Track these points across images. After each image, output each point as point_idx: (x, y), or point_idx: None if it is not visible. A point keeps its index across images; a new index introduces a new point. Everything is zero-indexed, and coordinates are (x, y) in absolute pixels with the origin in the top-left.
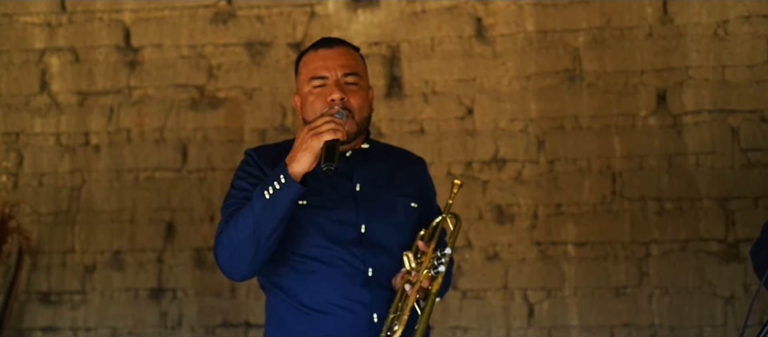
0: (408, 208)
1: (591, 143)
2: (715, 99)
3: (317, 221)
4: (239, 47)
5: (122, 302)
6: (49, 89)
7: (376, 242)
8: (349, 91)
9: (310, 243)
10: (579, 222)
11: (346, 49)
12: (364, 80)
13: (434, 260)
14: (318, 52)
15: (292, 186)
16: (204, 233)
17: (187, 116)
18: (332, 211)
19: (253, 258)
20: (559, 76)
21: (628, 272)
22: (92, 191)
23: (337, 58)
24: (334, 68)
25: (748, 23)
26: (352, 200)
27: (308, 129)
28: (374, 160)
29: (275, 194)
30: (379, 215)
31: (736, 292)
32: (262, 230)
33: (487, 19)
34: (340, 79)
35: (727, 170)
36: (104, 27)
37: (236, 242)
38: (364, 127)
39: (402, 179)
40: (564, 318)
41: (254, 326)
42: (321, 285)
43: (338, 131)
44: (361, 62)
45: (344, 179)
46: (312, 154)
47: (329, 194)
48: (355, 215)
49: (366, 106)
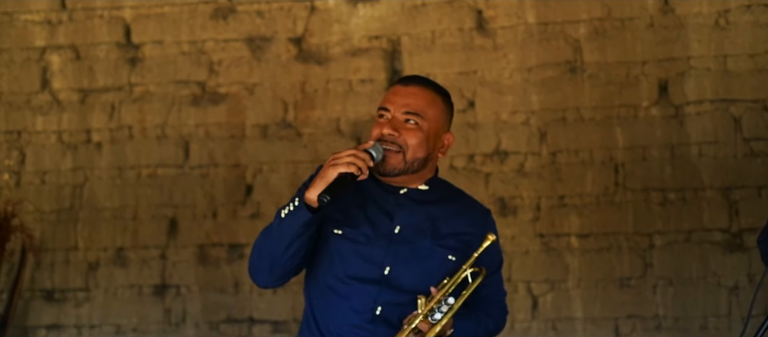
0: (444, 260)
1: (593, 135)
2: (717, 89)
3: (345, 253)
4: (240, 43)
5: (126, 299)
6: (50, 87)
7: (399, 285)
8: (404, 128)
9: (333, 273)
10: (582, 214)
11: (420, 90)
12: (427, 123)
13: (435, 306)
14: (394, 87)
15: (301, 211)
16: (207, 228)
17: (188, 112)
18: (363, 246)
19: (269, 270)
20: (561, 68)
21: (632, 264)
22: (95, 189)
23: (405, 96)
24: (397, 105)
25: (750, 12)
26: (386, 241)
27: (331, 158)
28: (426, 204)
29: (288, 214)
30: (410, 260)
31: (740, 282)
32: (276, 247)
33: (487, 12)
34: (397, 117)
35: (729, 159)
36: (105, 24)
37: (256, 252)
38: (417, 168)
39: (449, 229)
40: (568, 310)
41: (258, 322)
42: (334, 314)
43: (353, 165)
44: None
45: (386, 218)
46: (325, 182)
47: (366, 230)
48: (383, 255)
49: (422, 148)
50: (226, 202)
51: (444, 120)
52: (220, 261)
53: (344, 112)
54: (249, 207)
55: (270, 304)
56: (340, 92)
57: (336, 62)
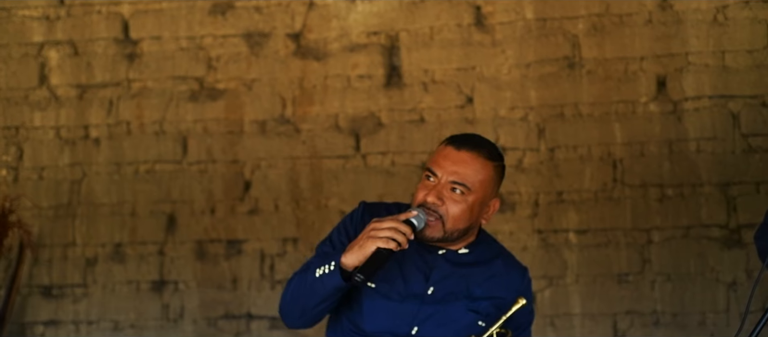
0: (474, 324)
1: (591, 130)
2: (715, 85)
3: (376, 308)
4: (238, 38)
5: (124, 295)
6: (48, 83)
7: None
8: (448, 198)
9: (360, 326)
10: (580, 210)
11: (472, 157)
12: (474, 194)
13: None
14: (448, 148)
15: (335, 277)
16: (205, 224)
17: (186, 108)
18: (394, 304)
19: (298, 317)
20: (559, 64)
21: (630, 259)
22: (93, 184)
23: (454, 162)
24: (446, 171)
25: (748, 8)
26: (418, 301)
27: (371, 228)
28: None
29: (323, 276)
30: (439, 322)
31: (738, 278)
32: (308, 301)
33: (486, 8)
34: (443, 185)
35: (728, 155)
36: (103, 20)
37: (289, 297)
38: (456, 238)
39: (483, 293)
40: (566, 306)
41: (256, 318)
42: None
43: (392, 242)
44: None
45: (421, 276)
46: (363, 254)
47: (399, 287)
48: (413, 315)
49: (464, 219)
50: (225, 198)
51: (492, 188)
52: (219, 257)
53: (343, 108)
54: (247, 203)
55: (268, 300)
56: (339, 88)
57: (334, 58)
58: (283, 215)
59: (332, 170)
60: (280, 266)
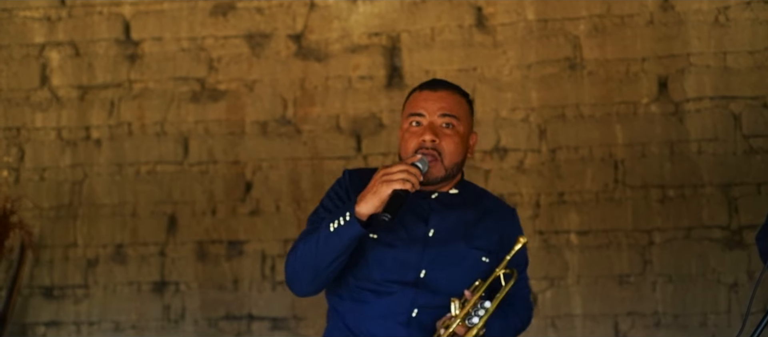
0: (478, 261)
1: (593, 131)
2: (716, 86)
3: (382, 257)
4: (239, 39)
5: (125, 296)
6: (49, 84)
7: (434, 287)
8: (442, 133)
9: (369, 276)
10: (581, 211)
11: (449, 93)
12: (462, 125)
13: (472, 311)
14: (421, 93)
15: (353, 226)
16: (206, 225)
17: (188, 109)
18: (399, 250)
19: (312, 280)
20: (560, 65)
21: (631, 260)
22: (94, 185)
23: (436, 100)
24: (432, 110)
25: (749, 9)
26: (421, 244)
27: (382, 174)
28: (457, 207)
29: (338, 228)
30: (445, 263)
31: (739, 279)
32: (322, 259)
33: (487, 9)
34: (435, 121)
35: (729, 156)
36: (104, 20)
37: (299, 263)
38: (454, 173)
39: (481, 230)
40: (567, 307)
41: (257, 319)
42: (367, 314)
43: (408, 182)
44: (464, 108)
45: (420, 221)
46: (379, 199)
47: (401, 234)
48: (419, 258)
49: (458, 152)
50: (226, 199)
51: (470, 121)
52: (220, 258)
53: (344, 109)
54: (248, 204)
55: (269, 301)
56: (340, 89)
57: (335, 59)
58: (284, 216)
59: (333, 170)
60: (281, 267)
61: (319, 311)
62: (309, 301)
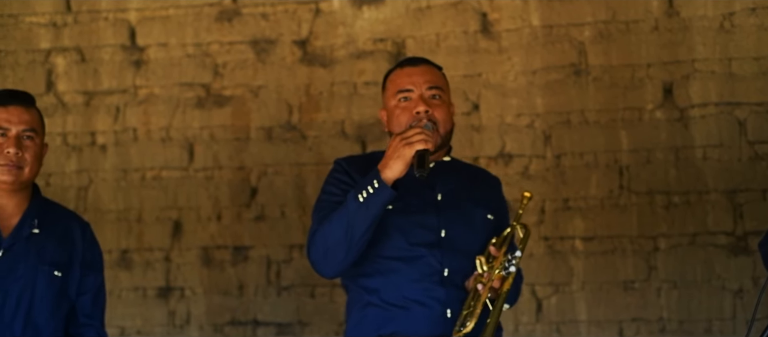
0: (485, 219)
1: (598, 137)
2: (721, 92)
3: (401, 224)
4: (245, 45)
5: (130, 302)
6: (55, 89)
7: (455, 246)
8: (433, 104)
9: (394, 245)
10: (586, 217)
11: (429, 67)
12: (446, 95)
13: (505, 262)
14: (404, 70)
15: (385, 190)
16: (211, 231)
17: (193, 115)
18: (415, 216)
19: (344, 256)
20: (565, 71)
21: (636, 267)
22: (99, 191)
23: (421, 74)
24: (419, 83)
25: (755, 15)
26: (434, 207)
27: (400, 139)
28: (455, 173)
29: (369, 197)
30: (459, 222)
31: (744, 285)
32: (355, 231)
33: (492, 15)
34: (424, 93)
35: (734, 162)
36: (109, 26)
37: (330, 241)
38: (447, 141)
39: (480, 192)
40: (572, 313)
41: (262, 324)
42: (401, 282)
43: (428, 142)
44: (444, 79)
45: (427, 188)
46: (404, 161)
47: (413, 201)
48: (436, 220)
49: (449, 120)
50: (231, 204)
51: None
52: (225, 263)
53: (349, 115)
54: (253, 209)
55: (274, 306)
56: (345, 95)
57: (341, 65)
58: (290, 222)
59: None
60: (286, 273)
61: (324, 316)
62: (314, 306)
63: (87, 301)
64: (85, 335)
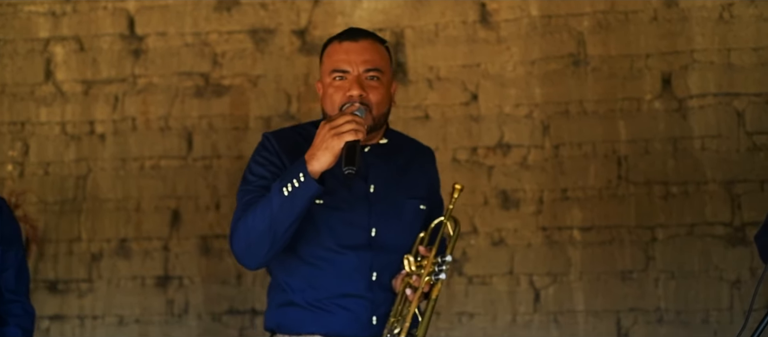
0: (417, 210)
1: (596, 128)
2: (720, 82)
3: (330, 222)
4: (243, 35)
5: (129, 290)
6: (53, 78)
7: (385, 244)
8: (368, 86)
9: (321, 243)
10: (584, 207)
11: (370, 43)
12: (386, 76)
13: (436, 267)
14: (342, 45)
15: (310, 185)
16: (210, 220)
17: (191, 104)
18: (345, 213)
19: (268, 250)
20: (564, 61)
21: (634, 257)
22: (98, 180)
23: (360, 52)
24: (356, 63)
25: (754, 6)
26: (366, 202)
27: (329, 128)
28: (389, 157)
29: (294, 191)
30: (390, 217)
31: (742, 276)
32: (279, 225)
33: (491, 5)
34: (360, 75)
35: (732, 153)
36: (108, 16)
37: (253, 234)
38: (382, 123)
39: (412, 178)
40: (570, 303)
41: (260, 313)
42: (325, 283)
43: (359, 132)
44: (386, 56)
45: (359, 179)
46: (332, 154)
47: (344, 195)
48: (367, 218)
49: (385, 102)
50: (229, 194)
51: (391, 70)
52: (223, 252)
53: None
54: None
55: None
56: None
57: None
58: None
59: None
60: None
61: None
62: None
63: (10, 277)
64: (12, 312)
